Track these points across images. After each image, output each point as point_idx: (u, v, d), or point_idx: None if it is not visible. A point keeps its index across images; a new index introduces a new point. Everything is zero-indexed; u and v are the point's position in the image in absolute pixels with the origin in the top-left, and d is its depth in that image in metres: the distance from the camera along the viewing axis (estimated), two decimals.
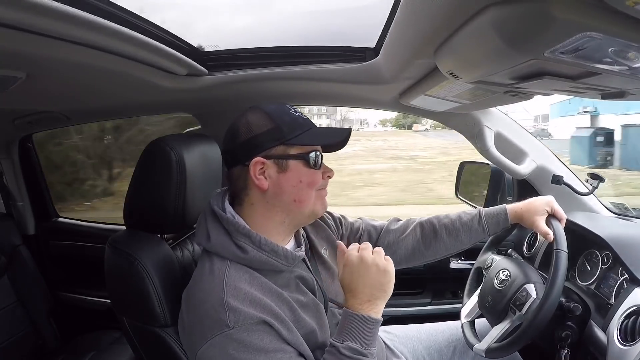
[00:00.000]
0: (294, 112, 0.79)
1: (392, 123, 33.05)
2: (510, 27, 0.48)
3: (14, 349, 1.44)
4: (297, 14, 0.99)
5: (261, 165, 0.74)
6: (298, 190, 0.76)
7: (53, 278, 1.67)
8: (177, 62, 0.93)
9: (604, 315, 0.89)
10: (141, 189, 0.88)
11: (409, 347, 1.07)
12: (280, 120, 0.76)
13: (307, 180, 0.76)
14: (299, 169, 0.76)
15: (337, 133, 0.81)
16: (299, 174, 0.76)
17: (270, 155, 0.75)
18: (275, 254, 0.74)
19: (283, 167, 0.75)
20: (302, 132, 0.76)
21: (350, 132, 0.81)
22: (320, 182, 0.79)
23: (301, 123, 0.78)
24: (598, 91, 0.67)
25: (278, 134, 0.75)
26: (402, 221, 1.04)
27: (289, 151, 0.76)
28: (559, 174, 1.19)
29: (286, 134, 0.75)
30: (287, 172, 0.75)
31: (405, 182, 9.07)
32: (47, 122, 1.48)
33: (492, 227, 0.98)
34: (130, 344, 0.90)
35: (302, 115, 0.79)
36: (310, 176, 0.77)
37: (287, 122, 0.76)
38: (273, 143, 0.75)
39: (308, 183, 0.77)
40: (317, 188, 0.78)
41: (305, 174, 0.76)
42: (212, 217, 0.76)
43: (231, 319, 0.65)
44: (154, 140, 0.88)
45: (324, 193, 0.82)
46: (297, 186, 0.76)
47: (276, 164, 0.75)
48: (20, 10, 0.52)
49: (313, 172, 0.77)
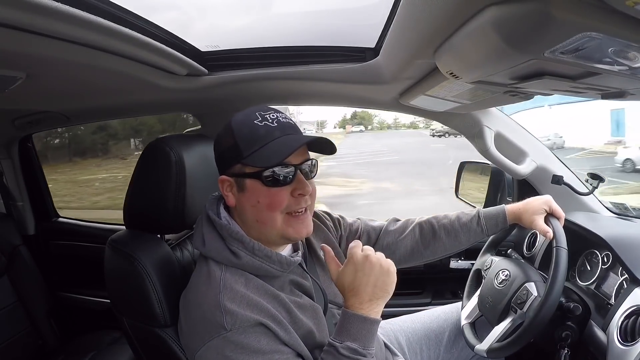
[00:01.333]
0: (259, 121, 0.72)
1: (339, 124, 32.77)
2: (510, 27, 0.48)
3: (14, 349, 1.44)
4: (297, 14, 0.98)
5: (227, 182, 0.74)
6: (257, 211, 0.73)
7: (53, 278, 1.67)
8: (177, 62, 0.93)
9: (604, 315, 0.90)
10: (141, 189, 0.88)
11: (404, 339, 1.08)
12: (239, 136, 0.71)
13: (266, 201, 0.71)
14: (256, 188, 0.72)
15: (293, 144, 0.71)
16: (256, 194, 0.72)
17: (231, 173, 0.74)
18: (269, 259, 0.73)
19: (240, 187, 0.73)
20: (258, 147, 0.70)
21: (320, 140, 0.73)
22: (286, 204, 0.72)
23: (261, 135, 0.71)
24: (598, 91, 0.67)
25: (235, 152, 0.71)
26: (400, 221, 1.04)
27: (244, 170, 0.72)
28: (559, 174, 1.19)
29: (242, 151, 0.71)
30: (246, 192, 0.73)
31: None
32: (47, 122, 1.48)
33: (491, 228, 0.98)
34: (130, 344, 0.90)
35: (272, 122, 0.72)
36: (269, 197, 0.71)
37: (245, 137, 0.71)
38: (232, 161, 0.73)
39: (267, 205, 0.71)
40: (283, 210, 0.72)
41: (263, 194, 0.71)
42: (207, 222, 0.76)
43: (228, 321, 0.65)
44: (154, 141, 0.88)
45: (301, 217, 0.74)
46: (256, 206, 0.72)
47: (236, 183, 0.73)
48: (20, 10, 0.52)
49: (273, 191, 0.71)
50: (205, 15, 0.98)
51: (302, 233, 0.75)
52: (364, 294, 0.70)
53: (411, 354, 1.06)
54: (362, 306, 0.70)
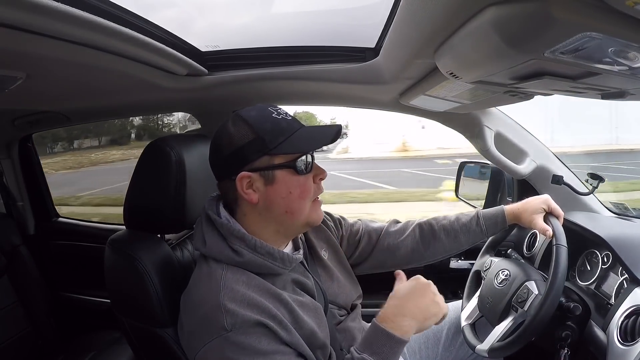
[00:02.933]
0: (276, 115, 0.74)
1: None
2: (510, 27, 0.48)
3: (14, 349, 1.44)
4: (297, 13, 0.98)
5: (248, 179, 0.72)
6: (289, 202, 0.73)
7: (53, 278, 1.67)
8: (177, 62, 0.93)
9: (604, 315, 0.90)
10: (141, 189, 0.88)
11: None
12: (261, 129, 0.72)
13: (298, 190, 0.73)
14: (287, 178, 0.73)
15: (324, 133, 0.75)
16: (288, 185, 0.73)
17: (255, 168, 0.72)
18: (271, 256, 0.73)
19: (270, 179, 0.73)
20: (285, 138, 0.72)
21: (340, 129, 0.76)
22: (313, 190, 0.76)
23: (284, 127, 0.73)
24: (598, 91, 0.67)
25: (260, 145, 0.72)
26: (401, 223, 1.04)
27: (273, 161, 0.72)
28: (559, 174, 1.19)
29: (268, 143, 0.71)
30: (275, 184, 0.73)
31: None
32: (47, 122, 1.48)
33: (491, 228, 0.99)
34: (130, 344, 0.90)
35: (287, 117, 0.75)
36: (300, 185, 0.73)
37: (269, 129, 0.72)
38: (256, 155, 0.72)
39: (299, 194, 0.73)
40: (310, 198, 0.75)
41: (294, 184, 0.73)
42: (207, 221, 0.76)
43: (228, 321, 0.65)
44: (154, 141, 0.88)
45: (319, 202, 0.78)
46: (287, 197, 0.73)
47: (262, 177, 0.73)
48: (20, 10, 0.52)
49: (303, 179, 0.74)
50: (205, 15, 0.98)
51: (321, 216, 0.79)
52: (406, 309, 0.72)
53: (410, 353, 1.06)
54: (396, 319, 0.71)
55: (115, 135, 11.40)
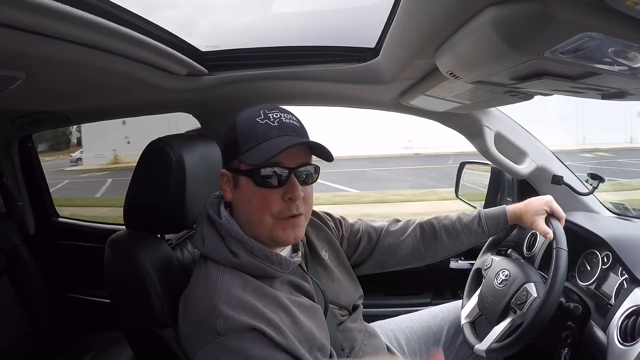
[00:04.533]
0: (261, 118, 0.71)
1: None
2: (510, 27, 0.48)
3: (14, 349, 1.44)
4: (297, 13, 0.99)
5: (226, 176, 0.75)
6: (249, 211, 0.72)
7: (53, 278, 1.67)
8: (177, 62, 0.93)
9: (604, 315, 0.89)
10: (141, 189, 0.88)
11: (403, 338, 1.08)
12: (240, 132, 0.72)
13: (257, 202, 0.71)
14: (249, 187, 0.71)
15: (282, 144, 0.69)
16: (248, 193, 0.72)
17: (229, 168, 0.75)
18: (268, 260, 0.73)
19: (235, 183, 0.74)
20: (252, 146, 0.70)
21: (318, 147, 0.71)
22: (277, 209, 0.71)
23: (259, 134, 0.70)
24: (598, 91, 0.67)
25: (234, 148, 0.72)
26: (401, 222, 1.03)
27: (239, 166, 0.72)
28: (559, 174, 1.19)
29: (240, 147, 0.71)
30: (239, 189, 0.73)
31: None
32: (47, 122, 1.48)
33: (492, 229, 0.98)
34: (130, 344, 0.90)
35: (272, 122, 0.71)
36: (260, 198, 0.70)
37: (244, 133, 0.71)
38: (231, 156, 0.73)
39: (258, 206, 0.71)
40: (274, 215, 0.71)
41: (254, 194, 0.71)
42: (208, 221, 0.76)
43: (222, 326, 0.65)
44: (154, 141, 0.88)
45: (292, 221, 0.72)
46: (247, 205, 0.72)
47: (233, 179, 0.74)
48: (20, 10, 0.52)
49: (265, 192, 0.70)
50: (205, 16, 0.98)
51: (290, 238, 0.73)
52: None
53: (410, 353, 1.06)
54: None
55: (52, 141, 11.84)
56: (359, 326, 0.88)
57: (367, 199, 7.17)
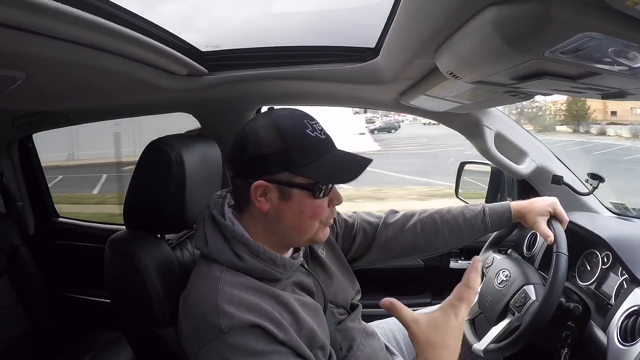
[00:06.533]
0: (310, 131, 0.71)
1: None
2: (510, 27, 0.48)
3: (14, 349, 1.44)
4: (297, 13, 0.98)
5: (264, 187, 0.70)
6: (299, 220, 0.72)
7: (53, 278, 1.67)
8: (177, 62, 0.93)
9: (604, 315, 0.89)
10: (141, 189, 0.88)
11: (402, 338, 1.08)
12: (292, 143, 0.69)
13: (310, 212, 0.72)
14: (303, 199, 0.71)
15: (355, 165, 0.72)
16: (302, 205, 0.71)
17: (274, 180, 0.70)
18: (273, 263, 0.73)
19: (286, 195, 0.71)
20: (312, 160, 0.69)
21: (369, 163, 0.73)
22: (325, 214, 0.74)
23: (315, 147, 0.70)
24: (598, 91, 0.67)
25: (285, 159, 0.69)
26: (400, 214, 1.02)
27: (294, 179, 0.70)
28: (559, 174, 1.19)
29: (295, 160, 0.69)
30: (290, 201, 0.71)
31: None
32: (47, 122, 1.48)
33: (495, 225, 0.98)
34: (130, 344, 0.90)
35: (321, 135, 0.72)
36: (314, 208, 0.72)
37: (299, 145, 0.69)
38: (279, 168, 0.70)
39: (311, 215, 0.72)
40: (322, 220, 0.74)
41: (308, 205, 0.71)
42: (211, 222, 0.75)
43: (225, 324, 0.65)
44: (154, 141, 0.88)
45: (329, 224, 0.78)
46: (298, 216, 0.72)
47: (279, 190, 0.71)
48: (20, 10, 0.51)
49: (318, 203, 0.72)
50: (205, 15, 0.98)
51: (325, 237, 0.78)
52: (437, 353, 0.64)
53: (409, 353, 1.06)
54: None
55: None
56: (357, 326, 0.88)
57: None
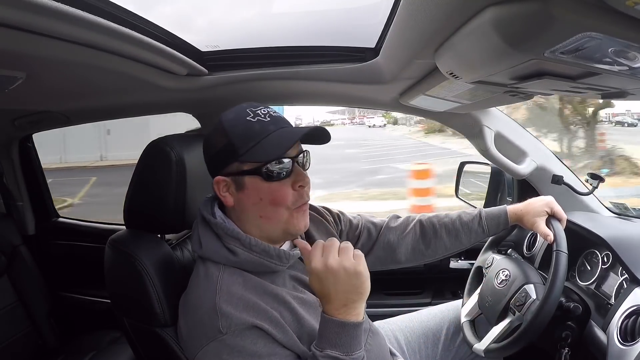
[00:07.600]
0: (251, 117, 0.71)
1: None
2: (510, 27, 0.48)
3: (14, 349, 1.44)
4: (297, 13, 0.98)
5: (223, 182, 0.73)
6: (261, 208, 0.72)
7: (53, 278, 1.67)
8: (177, 62, 0.93)
9: (604, 315, 0.89)
10: (141, 189, 0.88)
11: (403, 338, 1.08)
12: (233, 134, 0.71)
13: (269, 197, 0.71)
14: (257, 185, 0.71)
15: (294, 136, 0.71)
16: (258, 192, 0.71)
17: (227, 173, 0.72)
18: (267, 254, 0.73)
19: (240, 185, 0.72)
20: (254, 143, 0.70)
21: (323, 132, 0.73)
22: (290, 199, 0.72)
23: (256, 131, 0.70)
24: (598, 91, 0.67)
25: (231, 151, 0.71)
26: (401, 218, 1.03)
27: (242, 167, 0.71)
28: (559, 174, 1.19)
29: (238, 148, 0.70)
30: (245, 190, 0.72)
31: None
32: (47, 122, 1.48)
33: (492, 228, 0.98)
34: (130, 344, 0.90)
35: (265, 118, 0.72)
36: (271, 192, 0.71)
37: (240, 134, 0.70)
38: (228, 160, 0.72)
39: (270, 200, 0.71)
40: (289, 206, 0.72)
41: (264, 190, 0.71)
42: (203, 223, 0.76)
43: (224, 324, 0.65)
44: (154, 140, 0.88)
45: (303, 209, 0.74)
46: (258, 204, 0.72)
47: (234, 182, 0.72)
48: (20, 10, 0.52)
49: (275, 186, 0.71)
50: (205, 15, 0.98)
51: (302, 227, 0.75)
52: (337, 301, 0.66)
53: (410, 353, 1.06)
54: (339, 311, 0.67)
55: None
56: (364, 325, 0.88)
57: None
